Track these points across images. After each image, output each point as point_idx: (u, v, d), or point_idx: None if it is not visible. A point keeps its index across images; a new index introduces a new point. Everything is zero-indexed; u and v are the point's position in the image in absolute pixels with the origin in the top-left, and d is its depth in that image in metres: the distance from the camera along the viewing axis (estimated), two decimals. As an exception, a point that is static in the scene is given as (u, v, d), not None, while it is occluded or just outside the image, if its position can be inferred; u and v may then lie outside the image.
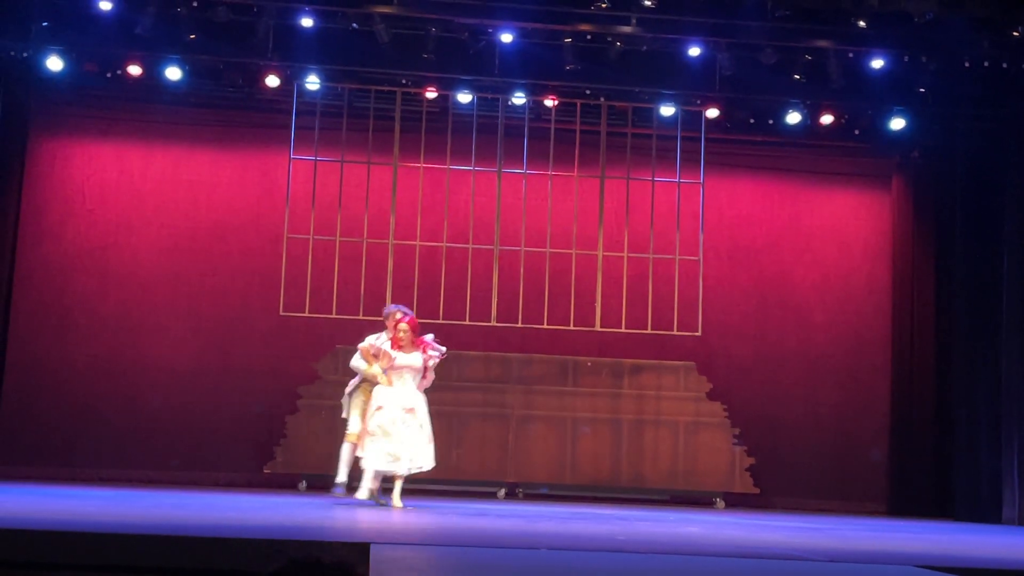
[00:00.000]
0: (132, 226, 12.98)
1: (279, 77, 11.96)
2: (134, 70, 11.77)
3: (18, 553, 5.31)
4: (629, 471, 12.88)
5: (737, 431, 12.91)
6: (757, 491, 12.82)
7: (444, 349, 9.34)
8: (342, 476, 9.53)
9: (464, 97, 12.24)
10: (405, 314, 9.32)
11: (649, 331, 12.38)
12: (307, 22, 11.27)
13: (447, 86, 12.16)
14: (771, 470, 13.01)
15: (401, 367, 9.09)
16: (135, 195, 13.04)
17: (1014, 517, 11.41)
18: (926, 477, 12.93)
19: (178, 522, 7.27)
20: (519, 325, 12.33)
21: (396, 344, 9.16)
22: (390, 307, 9.74)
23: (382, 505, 9.12)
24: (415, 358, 9.14)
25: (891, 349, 13.48)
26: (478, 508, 10.24)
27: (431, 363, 9.20)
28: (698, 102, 12.37)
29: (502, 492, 12.54)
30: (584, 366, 13.00)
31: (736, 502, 12.84)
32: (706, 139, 12.51)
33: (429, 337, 9.28)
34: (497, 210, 12.37)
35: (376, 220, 12.27)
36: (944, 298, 13.10)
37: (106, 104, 12.87)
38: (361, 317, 11.92)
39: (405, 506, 9.00)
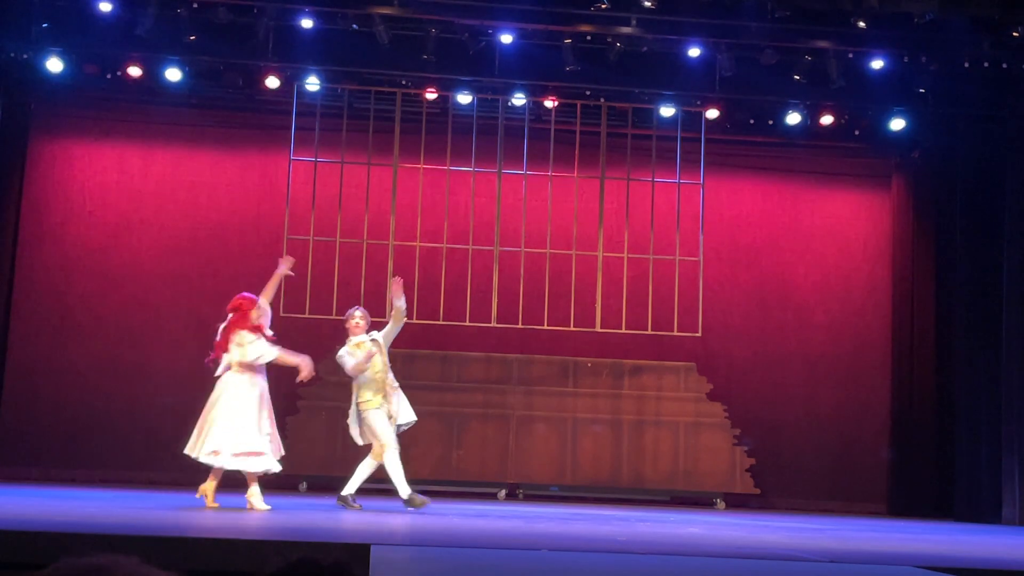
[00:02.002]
0: (132, 227, 12.98)
1: (279, 78, 11.96)
2: (134, 71, 11.79)
3: (19, 554, 5.31)
4: (629, 472, 12.87)
5: (737, 431, 12.91)
6: (758, 492, 12.82)
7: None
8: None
9: (464, 98, 12.24)
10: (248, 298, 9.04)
11: (649, 332, 12.38)
12: (307, 23, 11.28)
13: (447, 87, 12.17)
14: (771, 471, 13.00)
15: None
16: (135, 196, 13.04)
17: (1014, 517, 11.41)
18: (926, 477, 12.93)
19: (178, 524, 7.27)
20: (519, 326, 12.33)
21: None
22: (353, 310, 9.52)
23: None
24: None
25: (891, 349, 13.48)
26: (478, 509, 10.24)
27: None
28: (698, 103, 12.38)
29: (503, 493, 12.53)
30: (584, 367, 12.99)
31: (736, 503, 12.84)
32: (706, 140, 12.51)
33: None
34: (497, 211, 12.36)
35: (376, 221, 12.27)
36: (944, 298, 13.09)
37: (106, 105, 12.88)
38: (361, 318, 11.92)
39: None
